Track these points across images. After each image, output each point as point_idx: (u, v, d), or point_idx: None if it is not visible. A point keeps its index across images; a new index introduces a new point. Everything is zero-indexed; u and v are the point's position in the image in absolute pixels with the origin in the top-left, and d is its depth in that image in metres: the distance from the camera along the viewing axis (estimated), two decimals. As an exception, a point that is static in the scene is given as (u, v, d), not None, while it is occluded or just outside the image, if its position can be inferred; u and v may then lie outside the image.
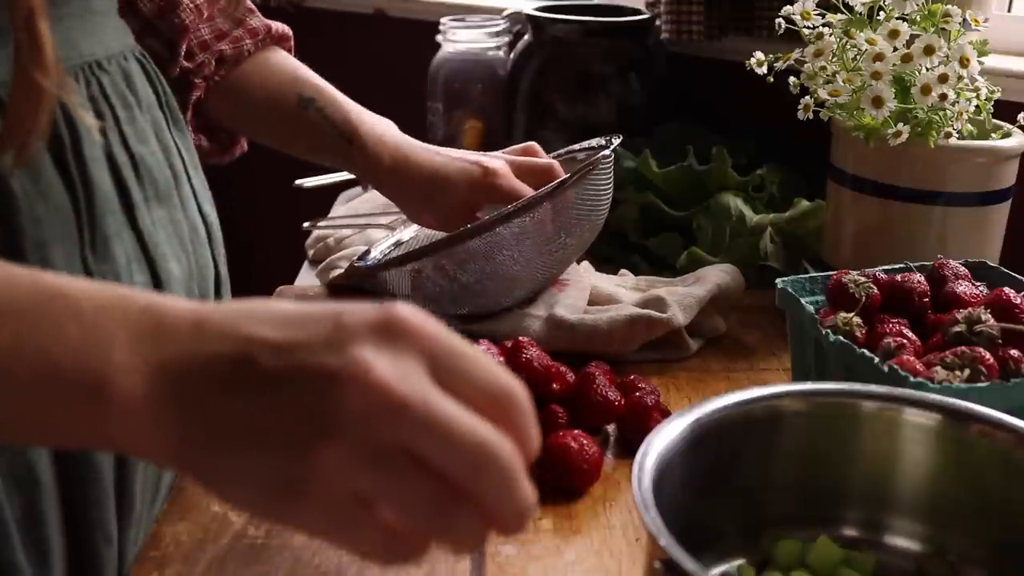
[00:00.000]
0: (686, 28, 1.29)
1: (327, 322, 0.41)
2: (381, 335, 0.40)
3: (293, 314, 0.42)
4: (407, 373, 0.39)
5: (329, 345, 0.40)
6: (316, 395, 0.39)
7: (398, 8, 1.78)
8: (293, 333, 0.41)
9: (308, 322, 0.41)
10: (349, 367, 0.39)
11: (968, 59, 0.86)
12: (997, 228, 0.93)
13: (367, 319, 0.40)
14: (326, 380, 0.39)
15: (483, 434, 0.39)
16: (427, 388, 0.39)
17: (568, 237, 0.92)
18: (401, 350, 0.40)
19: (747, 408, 0.56)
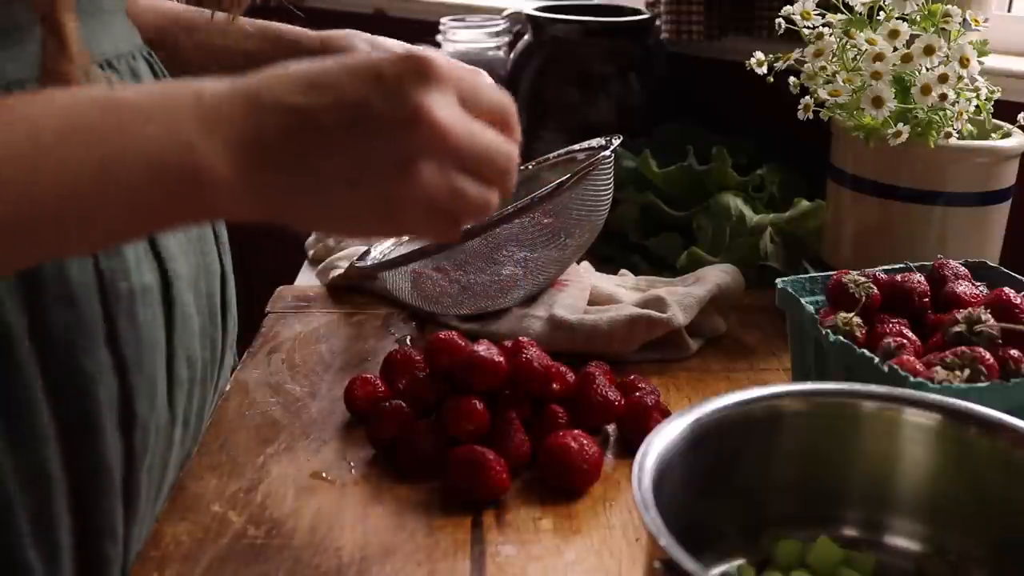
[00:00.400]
0: (686, 28, 1.29)
1: (368, 77, 0.49)
2: (421, 79, 0.49)
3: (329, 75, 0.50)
4: (451, 110, 0.50)
5: (387, 97, 0.49)
6: (396, 138, 0.49)
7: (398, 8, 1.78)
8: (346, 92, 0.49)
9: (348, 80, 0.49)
10: (415, 113, 0.48)
11: (968, 59, 0.86)
12: (997, 228, 0.93)
13: (404, 68, 0.49)
14: (400, 126, 0.49)
15: (504, 148, 0.52)
16: (471, 122, 0.51)
17: (568, 237, 0.92)
18: (439, 88, 0.49)
19: (747, 408, 0.56)
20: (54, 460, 0.60)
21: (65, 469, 0.61)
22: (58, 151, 0.46)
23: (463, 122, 0.50)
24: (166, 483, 0.71)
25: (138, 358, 0.65)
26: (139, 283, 0.65)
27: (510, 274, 0.91)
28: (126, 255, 0.64)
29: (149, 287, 0.66)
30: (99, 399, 0.62)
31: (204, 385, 0.75)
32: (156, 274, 0.67)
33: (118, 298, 0.63)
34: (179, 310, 0.69)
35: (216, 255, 0.76)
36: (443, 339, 0.77)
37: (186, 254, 0.70)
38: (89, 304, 0.61)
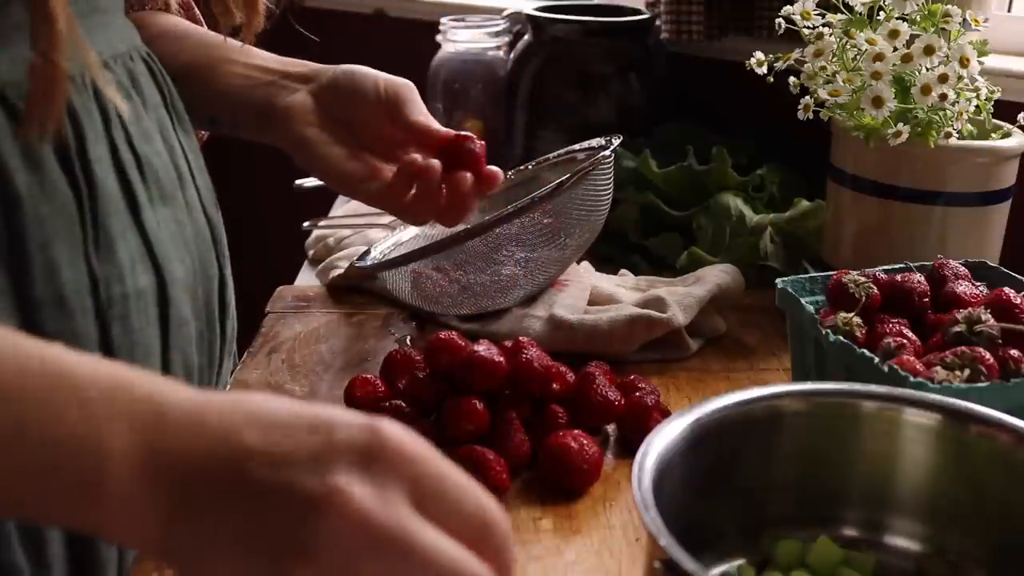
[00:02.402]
0: (686, 28, 1.29)
1: (318, 435, 0.41)
2: (367, 458, 0.41)
3: (288, 419, 0.42)
4: (388, 502, 0.40)
5: (315, 464, 0.40)
6: (298, 517, 0.40)
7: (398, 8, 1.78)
8: (284, 443, 0.41)
9: (300, 431, 0.42)
10: (330, 494, 0.39)
11: (968, 59, 0.86)
12: (997, 228, 0.93)
13: (355, 440, 0.41)
14: (308, 504, 0.40)
15: (462, 568, 0.40)
16: (407, 518, 0.40)
17: (568, 237, 0.92)
18: (385, 475, 0.40)
19: (747, 408, 0.56)
20: None
21: None
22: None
23: (397, 518, 0.40)
24: None
25: (132, 363, 0.64)
26: (133, 287, 0.64)
27: (510, 274, 0.91)
28: (120, 258, 0.63)
29: (144, 291, 0.65)
30: None
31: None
32: (151, 278, 0.66)
33: (111, 303, 0.62)
34: (175, 315, 0.68)
35: (214, 258, 0.75)
36: (443, 339, 0.77)
37: (182, 258, 0.69)
38: (82, 308, 0.61)
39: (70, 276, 0.60)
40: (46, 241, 0.59)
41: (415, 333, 0.95)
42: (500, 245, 0.89)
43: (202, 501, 0.41)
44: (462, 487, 0.42)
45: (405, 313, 0.99)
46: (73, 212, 0.60)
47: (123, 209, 0.64)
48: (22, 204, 0.57)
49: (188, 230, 0.71)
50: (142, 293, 0.65)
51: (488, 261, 0.90)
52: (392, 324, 0.97)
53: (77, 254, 0.60)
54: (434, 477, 0.42)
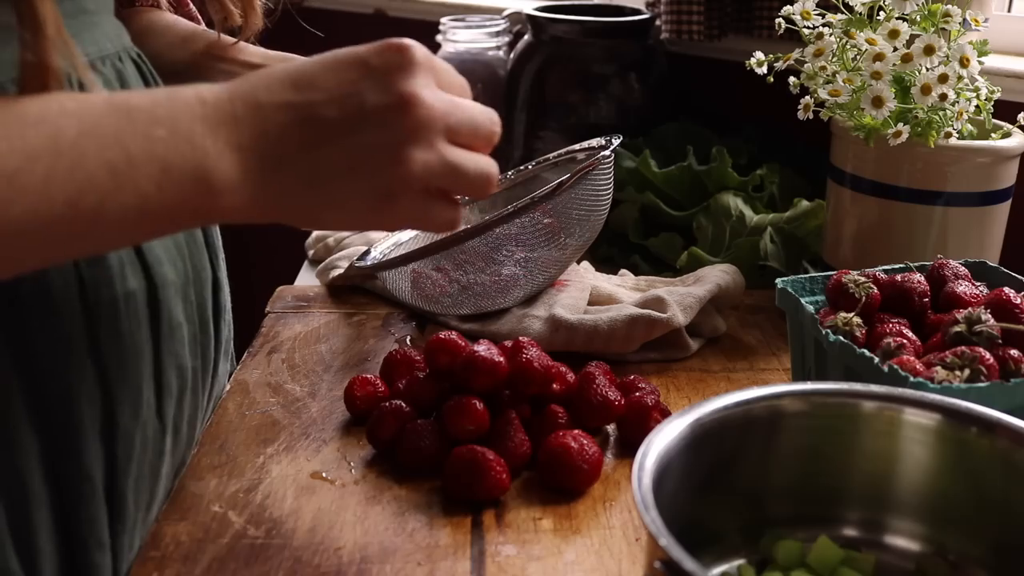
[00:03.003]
0: (686, 28, 1.29)
1: (354, 68, 0.52)
2: (406, 66, 0.52)
3: (319, 70, 0.52)
4: (433, 90, 0.53)
5: (374, 85, 0.52)
6: (388, 123, 0.51)
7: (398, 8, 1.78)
8: (337, 86, 0.52)
9: (341, 73, 0.52)
10: (403, 98, 0.52)
11: (968, 59, 0.86)
12: (997, 228, 0.93)
13: (389, 57, 0.52)
14: (391, 111, 0.51)
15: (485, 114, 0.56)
16: (446, 96, 0.54)
17: (568, 237, 0.92)
18: (421, 73, 0.53)
19: (747, 408, 0.56)
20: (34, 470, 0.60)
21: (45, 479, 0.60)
22: (73, 155, 0.46)
23: (445, 99, 0.54)
24: (159, 491, 0.71)
25: (122, 367, 0.64)
26: (122, 291, 0.63)
27: (510, 274, 0.91)
28: (109, 262, 0.63)
29: (133, 294, 0.64)
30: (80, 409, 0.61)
31: (196, 394, 0.74)
32: (141, 281, 0.65)
33: (100, 306, 0.62)
34: (166, 318, 0.68)
35: (207, 261, 0.74)
36: (443, 339, 0.77)
37: (174, 261, 0.69)
38: (70, 312, 0.60)
39: (57, 278, 0.60)
40: None
41: (415, 333, 0.95)
42: (500, 245, 0.89)
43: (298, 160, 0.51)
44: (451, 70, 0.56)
45: (405, 313, 0.99)
46: None
47: None
48: None
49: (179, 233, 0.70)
50: (131, 296, 0.64)
51: (488, 261, 0.90)
52: (392, 324, 0.97)
53: None
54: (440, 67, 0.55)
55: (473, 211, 1.07)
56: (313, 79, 0.52)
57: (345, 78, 0.52)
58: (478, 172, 0.55)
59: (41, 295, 0.59)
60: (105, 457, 0.64)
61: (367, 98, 0.51)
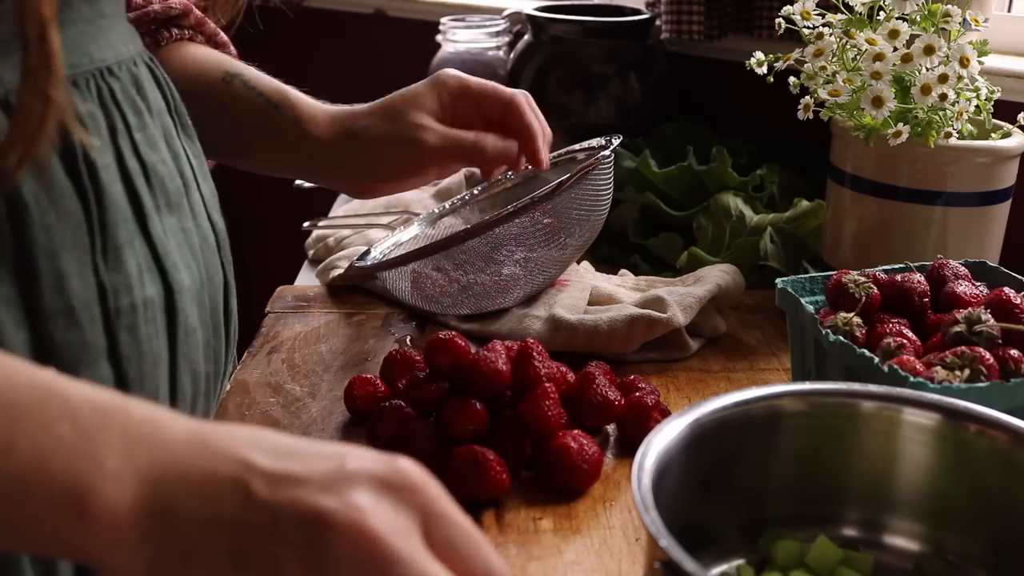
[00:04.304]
0: (686, 28, 1.29)
1: (330, 461, 0.41)
2: (382, 486, 0.41)
3: (296, 446, 0.42)
4: (400, 528, 0.40)
5: (328, 485, 0.40)
6: (307, 534, 0.39)
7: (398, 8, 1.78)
8: (293, 465, 0.41)
9: (310, 456, 0.41)
10: (345, 511, 0.39)
11: (968, 59, 0.86)
12: (997, 228, 0.93)
13: (371, 467, 0.41)
14: (319, 521, 0.39)
15: None
16: (418, 547, 0.40)
17: (568, 237, 0.92)
18: (399, 503, 0.41)
19: (747, 408, 0.56)
20: None
21: None
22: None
23: (408, 547, 0.40)
24: None
25: (140, 373, 0.64)
26: (141, 297, 0.63)
27: (510, 274, 0.91)
28: (128, 268, 0.62)
29: (151, 300, 0.64)
30: None
31: (207, 399, 0.74)
32: (159, 287, 0.65)
33: (120, 312, 0.62)
34: (182, 324, 0.67)
35: (219, 264, 0.74)
36: (443, 339, 0.77)
37: (189, 266, 0.68)
38: (90, 318, 0.60)
39: (78, 286, 0.59)
40: (54, 250, 0.58)
41: (415, 333, 0.95)
42: (500, 245, 0.89)
43: (199, 521, 0.40)
44: (470, 531, 0.42)
45: (405, 313, 0.99)
46: (80, 221, 0.60)
47: (130, 217, 0.63)
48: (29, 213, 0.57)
49: (194, 237, 0.70)
50: (150, 302, 0.64)
51: (488, 261, 0.90)
52: (392, 324, 0.97)
53: (85, 263, 0.60)
54: (447, 518, 0.42)
55: (473, 211, 1.07)
56: (274, 448, 0.42)
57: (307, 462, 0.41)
58: None
59: (62, 302, 0.59)
60: None
61: (302, 492, 0.40)
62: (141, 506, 0.40)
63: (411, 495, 0.41)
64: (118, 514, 0.40)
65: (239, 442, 0.42)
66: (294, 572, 0.39)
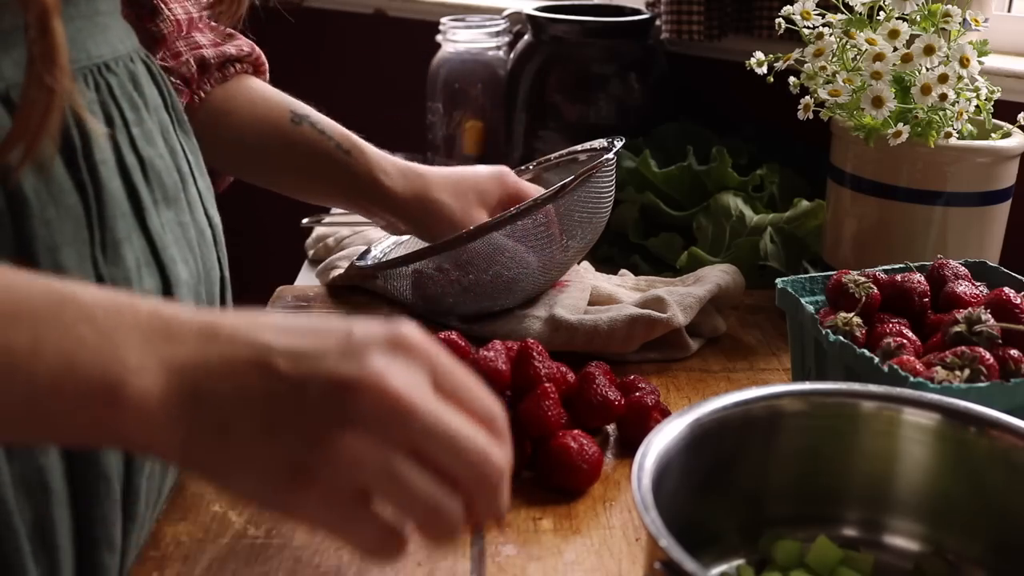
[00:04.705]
0: (686, 28, 1.29)
1: (340, 334, 0.44)
2: (391, 348, 0.44)
3: (304, 325, 0.45)
4: (415, 383, 0.44)
5: (345, 355, 0.44)
6: (334, 398, 0.43)
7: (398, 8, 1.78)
8: (308, 342, 0.44)
9: (321, 333, 0.45)
10: (366, 375, 0.43)
11: (968, 59, 0.86)
12: (997, 228, 0.93)
13: (377, 334, 0.45)
14: (343, 386, 0.43)
15: (484, 443, 0.45)
16: (432, 398, 0.44)
17: (570, 240, 0.92)
18: (409, 361, 0.44)
19: (747, 408, 0.56)
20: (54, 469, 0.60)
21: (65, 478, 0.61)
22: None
23: (426, 398, 0.44)
24: (165, 488, 0.71)
25: None
26: (140, 290, 0.63)
27: (511, 276, 0.91)
28: (127, 262, 0.63)
29: (150, 294, 0.64)
30: None
31: None
32: (157, 281, 0.65)
33: None
34: None
35: (215, 259, 0.75)
36: (443, 339, 0.77)
37: (186, 259, 0.69)
38: None
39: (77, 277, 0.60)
40: (54, 244, 0.58)
41: (415, 333, 0.95)
42: (502, 248, 0.89)
43: (227, 398, 0.43)
44: (471, 380, 0.47)
45: (405, 313, 0.99)
46: (80, 215, 0.60)
47: (128, 212, 0.64)
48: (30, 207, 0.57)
49: (191, 232, 0.71)
50: (148, 295, 0.65)
51: (490, 263, 0.90)
52: (392, 324, 0.97)
53: (84, 257, 0.60)
54: (450, 369, 0.46)
55: (473, 211, 1.07)
56: (287, 329, 0.45)
57: (318, 339, 0.44)
58: (432, 503, 0.44)
59: None
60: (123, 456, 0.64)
61: (324, 363, 0.43)
62: (170, 393, 0.43)
63: (417, 353, 0.45)
64: (149, 402, 0.43)
65: (249, 328, 0.45)
66: (325, 433, 0.43)
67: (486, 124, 1.44)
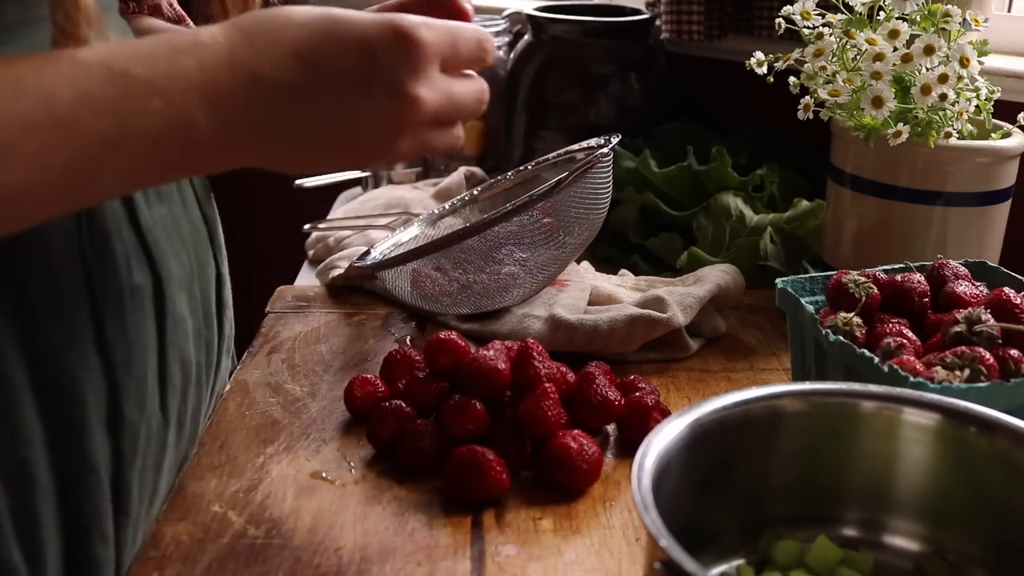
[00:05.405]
0: (686, 28, 1.29)
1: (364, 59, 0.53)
2: (411, 59, 0.53)
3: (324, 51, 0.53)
4: (434, 85, 0.55)
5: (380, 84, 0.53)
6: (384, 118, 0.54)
7: (398, 8, 1.78)
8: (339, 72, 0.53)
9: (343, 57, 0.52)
10: (405, 98, 0.53)
11: (968, 59, 0.86)
12: (997, 228, 0.93)
13: (394, 46, 0.53)
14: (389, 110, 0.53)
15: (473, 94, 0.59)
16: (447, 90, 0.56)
17: (567, 236, 0.92)
18: (425, 65, 0.53)
19: (747, 408, 0.56)
20: (39, 461, 0.60)
21: (51, 470, 0.61)
22: (69, 123, 0.48)
23: (443, 96, 0.55)
24: (161, 485, 0.71)
25: (127, 360, 0.64)
26: (129, 285, 0.64)
27: (509, 273, 0.91)
28: (116, 256, 0.63)
29: (139, 288, 0.65)
30: (86, 400, 0.62)
31: (199, 388, 0.74)
32: (147, 275, 0.66)
33: (107, 300, 0.62)
34: (171, 311, 0.68)
35: (211, 255, 0.75)
36: (443, 339, 0.77)
37: (179, 255, 0.69)
38: (77, 306, 0.61)
39: (65, 272, 0.60)
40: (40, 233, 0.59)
41: (415, 333, 0.95)
42: (499, 244, 0.89)
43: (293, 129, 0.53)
44: (464, 35, 0.57)
45: (405, 313, 0.99)
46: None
47: (119, 208, 0.64)
48: None
49: (184, 227, 0.71)
50: (138, 290, 0.65)
51: (487, 260, 0.90)
52: (392, 324, 0.97)
53: (72, 249, 0.61)
54: (446, 45, 0.55)
55: (473, 210, 1.07)
56: (319, 61, 0.52)
57: (347, 62, 0.52)
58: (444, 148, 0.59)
59: (49, 289, 0.59)
60: (111, 450, 0.64)
61: (369, 93, 0.53)
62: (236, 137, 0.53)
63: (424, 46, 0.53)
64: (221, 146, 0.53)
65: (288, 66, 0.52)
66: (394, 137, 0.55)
67: (486, 124, 1.44)
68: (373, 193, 1.34)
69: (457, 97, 0.57)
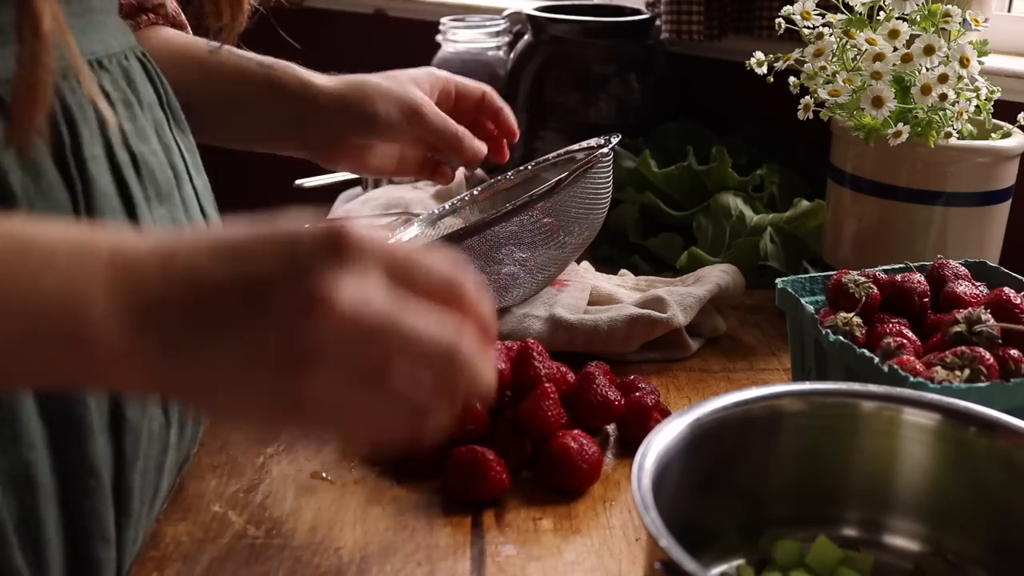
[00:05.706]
0: (686, 28, 1.29)
1: (283, 251, 0.44)
2: (336, 256, 0.43)
3: (250, 244, 0.45)
4: (369, 293, 0.43)
5: (290, 279, 0.43)
6: (291, 328, 0.43)
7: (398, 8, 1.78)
8: (252, 269, 0.44)
9: (264, 254, 0.44)
10: (316, 300, 0.42)
11: (968, 59, 0.86)
12: (997, 228, 0.93)
13: (319, 245, 0.43)
14: (297, 314, 0.42)
15: (449, 335, 0.44)
16: (391, 305, 0.43)
17: (567, 236, 0.92)
18: (358, 266, 0.43)
19: (747, 408, 0.56)
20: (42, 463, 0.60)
21: (53, 473, 0.60)
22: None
23: (384, 309, 0.43)
24: (163, 486, 0.71)
25: None
26: None
27: (509, 273, 0.91)
28: None
29: None
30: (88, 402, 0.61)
31: None
32: None
33: None
34: None
35: None
36: (443, 339, 0.77)
37: None
38: None
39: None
40: None
41: (415, 333, 0.95)
42: (499, 244, 0.89)
43: (191, 337, 0.44)
44: (424, 260, 0.46)
45: (405, 313, 0.99)
46: (68, 211, 0.60)
47: (119, 208, 0.64)
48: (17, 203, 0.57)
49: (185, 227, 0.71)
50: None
51: (487, 260, 0.90)
52: (392, 324, 0.97)
53: None
54: (400, 257, 0.45)
55: (473, 211, 1.07)
56: (238, 254, 0.44)
57: (265, 261, 0.44)
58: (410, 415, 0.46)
59: None
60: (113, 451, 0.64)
61: (278, 290, 0.43)
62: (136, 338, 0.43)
63: (363, 252, 0.44)
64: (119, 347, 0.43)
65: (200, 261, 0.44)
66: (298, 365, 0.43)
67: (486, 124, 1.44)
68: (373, 193, 1.34)
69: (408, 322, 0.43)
